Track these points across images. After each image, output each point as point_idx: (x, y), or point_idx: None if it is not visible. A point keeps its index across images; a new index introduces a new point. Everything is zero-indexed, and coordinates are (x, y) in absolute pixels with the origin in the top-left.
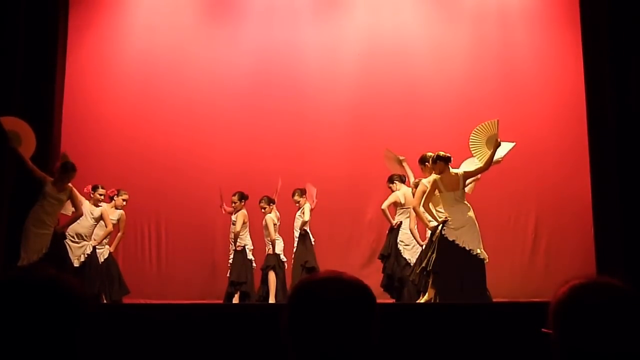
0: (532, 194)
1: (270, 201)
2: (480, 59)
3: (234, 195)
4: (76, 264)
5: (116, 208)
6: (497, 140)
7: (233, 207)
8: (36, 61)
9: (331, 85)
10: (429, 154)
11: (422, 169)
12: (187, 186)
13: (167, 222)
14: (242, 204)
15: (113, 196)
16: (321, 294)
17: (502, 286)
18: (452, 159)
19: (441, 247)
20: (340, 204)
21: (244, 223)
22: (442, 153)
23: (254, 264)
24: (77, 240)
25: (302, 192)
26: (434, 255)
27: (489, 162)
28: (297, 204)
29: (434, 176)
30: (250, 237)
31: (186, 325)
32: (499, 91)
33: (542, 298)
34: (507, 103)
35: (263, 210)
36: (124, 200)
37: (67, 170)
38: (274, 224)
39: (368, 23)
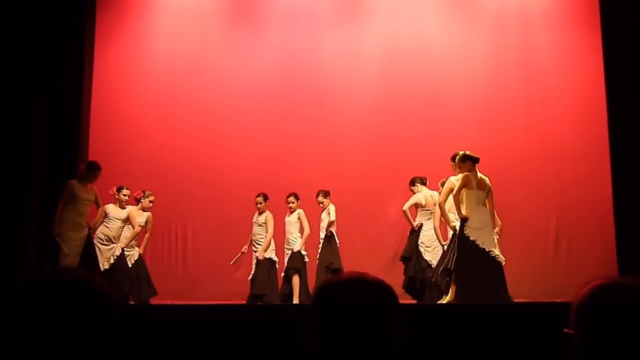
0: (553, 194)
1: (298, 198)
2: (501, 61)
3: (258, 196)
4: (106, 266)
5: (143, 210)
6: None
7: (258, 207)
8: (64, 67)
9: (353, 89)
10: (461, 152)
11: (452, 166)
12: (213, 188)
13: (193, 224)
14: (267, 204)
15: (139, 198)
16: (344, 294)
17: (523, 286)
18: (479, 160)
19: (462, 246)
20: (363, 206)
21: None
22: (469, 152)
23: (277, 265)
24: (106, 242)
25: (327, 194)
26: (455, 254)
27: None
28: (321, 205)
29: (465, 173)
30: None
31: (212, 326)
32: (520, 93)
33: (564, 298)
34: (528, 105)
35: (291, 205)
36: (150, 201)
37: (93, 169)
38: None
39: (389, 28)
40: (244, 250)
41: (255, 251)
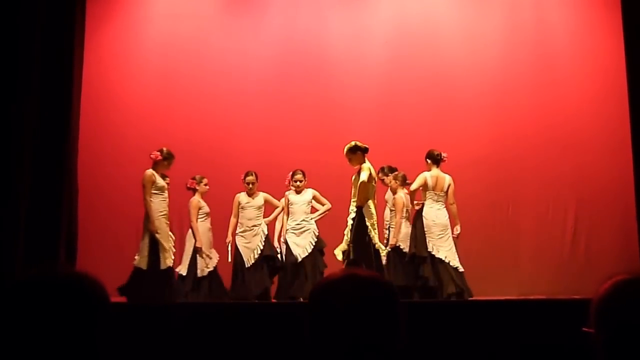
0: (571, 184)
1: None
2: (514, 42)
3: (250, 175)
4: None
5: (202, 197)
6: None
7: (250, 188)
8: (53, 53)
9: (358, 73)
10: (352, 142)
11: (427, 164)
12: (210, 177)
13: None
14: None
15: (194, 187)
16: (339, 294)
17: (540, 282)
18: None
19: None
20: None
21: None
22: (359, 143)
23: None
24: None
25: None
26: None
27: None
28: (299, 186)
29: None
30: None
31: (213, 323)
32: (535, 77)
33: (583, 295)
34: (544, 89)
35: (299, 184)
36: (205, 184)
37: (170, 156)
38: None
39: (396, 8)
40: (228, 242)
41: (244, 240)
